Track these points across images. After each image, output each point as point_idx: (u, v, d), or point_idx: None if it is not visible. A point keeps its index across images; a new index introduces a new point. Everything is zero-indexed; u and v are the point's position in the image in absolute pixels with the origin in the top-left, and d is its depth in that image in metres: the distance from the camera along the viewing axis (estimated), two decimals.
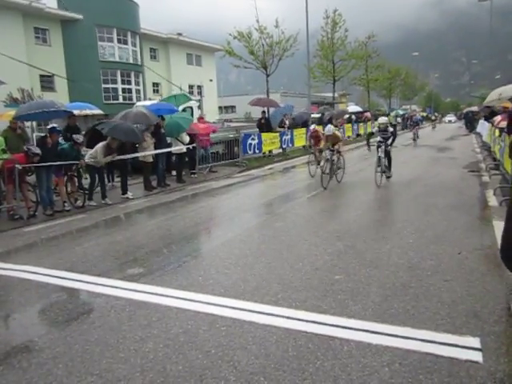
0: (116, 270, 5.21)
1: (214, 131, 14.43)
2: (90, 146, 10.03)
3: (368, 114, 36.80)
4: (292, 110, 22.09)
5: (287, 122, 20.43)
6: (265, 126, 18.26)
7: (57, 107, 9.49)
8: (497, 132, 13.07)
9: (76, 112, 13.30)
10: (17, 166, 8.06)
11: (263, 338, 3.46)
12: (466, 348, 3.19)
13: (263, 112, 18.90)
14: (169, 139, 12.44)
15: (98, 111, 14.53)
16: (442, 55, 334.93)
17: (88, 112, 14.49)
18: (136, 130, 10.43)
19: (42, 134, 10.59)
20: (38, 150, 8.29)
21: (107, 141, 9.77)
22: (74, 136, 9.38)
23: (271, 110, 23.48)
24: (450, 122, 62.64)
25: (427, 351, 3.15)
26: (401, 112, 43.59)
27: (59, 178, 9.18)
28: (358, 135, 31.10)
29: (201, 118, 15.27)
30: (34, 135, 15.40)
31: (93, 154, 9.55)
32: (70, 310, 4.21)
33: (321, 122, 25.36)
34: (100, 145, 9.66)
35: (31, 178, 9.52)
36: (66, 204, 9.09)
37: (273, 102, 20.16)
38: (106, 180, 11.10)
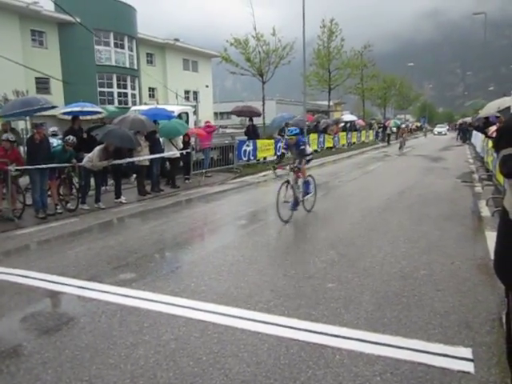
0: (108, 275, 5.17)
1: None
2: (85, 150, 9.97)
3: (360, 121, 36.69)
4: (292, 119, 22.15)
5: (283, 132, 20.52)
6: (252, 133, 17.85)
7: (41, 104, 9.39)
8: (490, 143, 13.19)
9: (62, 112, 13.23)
10: (10, 167, 8.01)
11: (255, 345, 3.44)
12: (457, 358, 3.19)
13: (250, 119, 18.60)
14: (162, 143, 12.41)
15: (97, 109, 14.13)
16: (436, 66, 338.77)
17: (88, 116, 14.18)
18: (132, 136, 10.37)
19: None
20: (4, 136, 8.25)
21: (104, 144, 9.73)
22: (66, 137, 9.34)
23: (273, 117, 23.41)
24: (439, 134, 53.15)
25: (419, 361, 3.15)
26: (398, 122, 44.01)
27: (52, 180, 9.11)
28: (352, 144, 31.25)
29: (207, 123, 16.40)
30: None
31: (90, 157, 9.49)
32: (60, 314, 4.17)
33: (316, 129, 25.49)
34: (98, 148, 9.62)
35: (24, 180, 9.46)
36: (58, 207, 9.02)
37: (254, 110, 19.82)
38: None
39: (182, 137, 12.81)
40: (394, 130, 39.19)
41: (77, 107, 12.89)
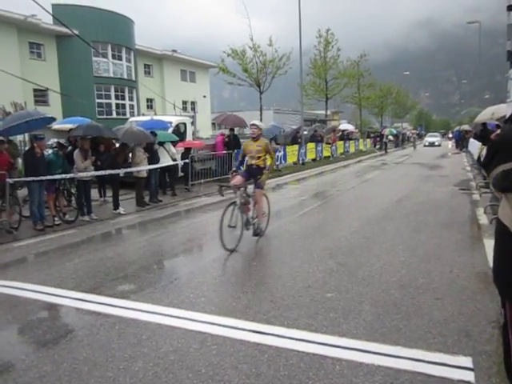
0: (106, 287, 5.14)
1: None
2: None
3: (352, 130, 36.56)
4: (279, 130, 22.12)
5: (279, 141, 20.72)
6: (233, 144, 16.35)
7: (41, 115, 9.50)
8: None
9: (60, 126, 13.31)
10: (8, 180, 8.01)
11: (254, 356, 3.42)
12: (457, 368, 3.17)
13: (231, 130, 17.51)
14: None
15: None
16: (432, 75, 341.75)
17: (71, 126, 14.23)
18: (102, 127, 10.32)
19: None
20: None
21: (79, 146, 9.75)
22: (59, 141, 9.37)
23: (266, 127, 23.31)
24: (431, 144, 43.27)
25: (419, 371, 3.13)
26: (394, 131, 44.21)
27: (49, 192, 9.07)
28: (349, 152, 31.34)
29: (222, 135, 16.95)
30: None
31: (75, 166, 9.41)
32: (58, 327, 4.14)
33: (313, 139, 25.59)
34: (75, 152, 9.57)
35: (21, 192, 9.44)
36: (56, 219, 8.99)
37: (239, 120, 18.73)
38: (98, 194, 11.16)
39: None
40: (391, 138, 39.35)
41: (70, 123, 13.03)
